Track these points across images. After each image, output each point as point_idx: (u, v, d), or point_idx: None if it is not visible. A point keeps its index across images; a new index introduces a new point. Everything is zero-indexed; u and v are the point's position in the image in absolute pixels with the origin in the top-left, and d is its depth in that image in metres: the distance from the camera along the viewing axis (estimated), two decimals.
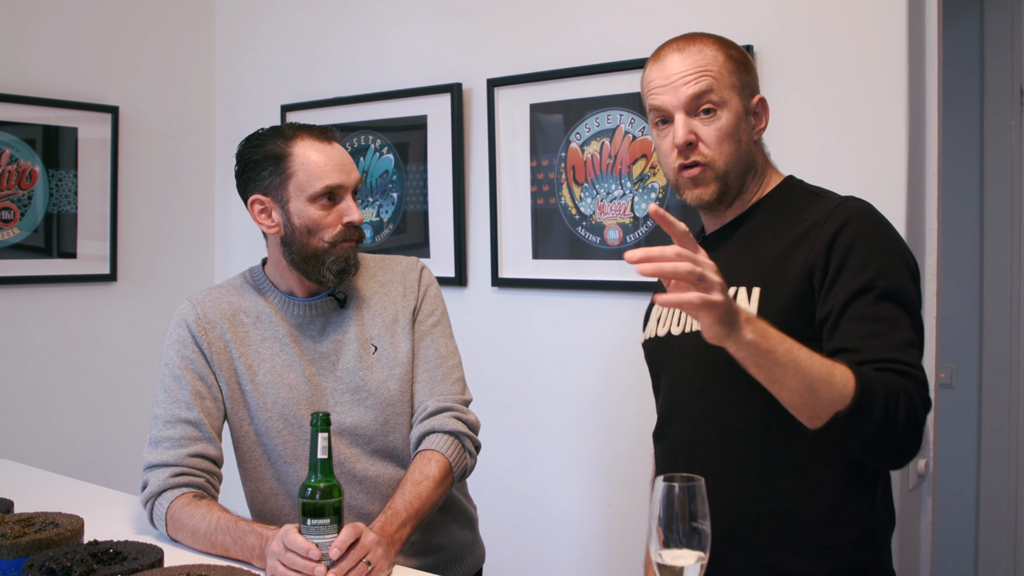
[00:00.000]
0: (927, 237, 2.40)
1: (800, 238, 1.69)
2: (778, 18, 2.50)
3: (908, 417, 1.50)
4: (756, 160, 1.82)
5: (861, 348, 1.56)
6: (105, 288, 3.57)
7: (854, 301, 1.60)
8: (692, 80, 1.74)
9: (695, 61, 1.75)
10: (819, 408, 1.48)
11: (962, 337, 3.45)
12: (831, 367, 1.47)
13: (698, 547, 1.28)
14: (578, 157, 2.87)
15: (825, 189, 1.83)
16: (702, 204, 1.79)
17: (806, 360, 1.45)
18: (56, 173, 3.40)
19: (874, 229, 1.66)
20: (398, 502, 1.89)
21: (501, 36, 3.07)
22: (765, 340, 1.43)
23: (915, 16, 2.35)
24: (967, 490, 3.47)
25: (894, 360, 1.54)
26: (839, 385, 1.46)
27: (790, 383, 1.46)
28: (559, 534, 2.99)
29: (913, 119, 2.34)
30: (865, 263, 1.62)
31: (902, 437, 1.52)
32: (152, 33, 3.69)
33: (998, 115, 3.39)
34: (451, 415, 2.04)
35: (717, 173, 1.75)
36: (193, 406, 1.98)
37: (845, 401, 1.47)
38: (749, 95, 1.79)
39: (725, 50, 1.78)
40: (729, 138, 1.75)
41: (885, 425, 1.49)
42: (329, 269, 1.99)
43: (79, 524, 1.72)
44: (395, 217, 3.32)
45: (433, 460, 1.98)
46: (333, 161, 1.97)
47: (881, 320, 1.58)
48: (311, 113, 3.50)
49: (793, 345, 1.46)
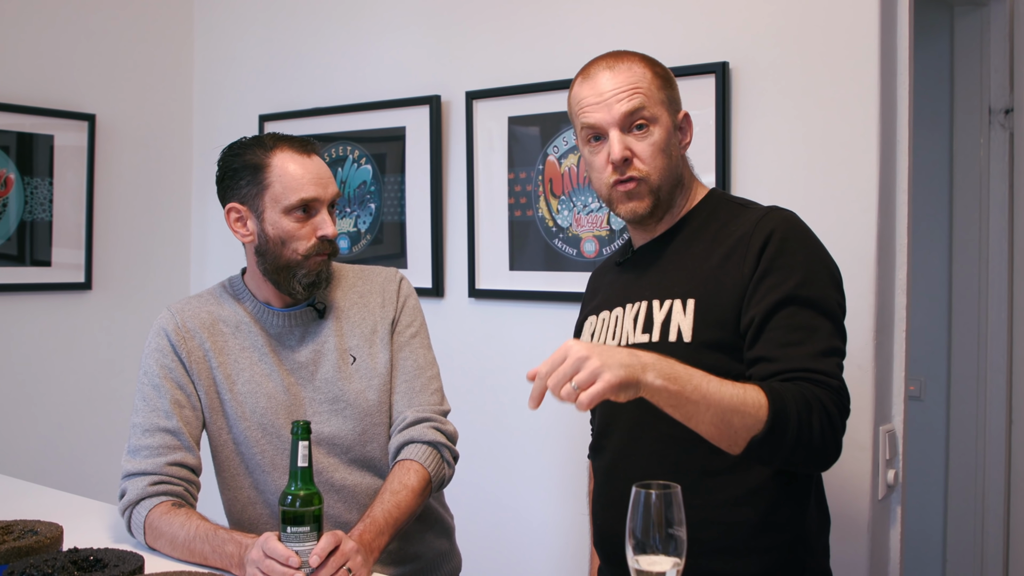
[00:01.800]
0: (897, 252, 2.44)
1: (730, 251, 1.74)
2: (752, 35, 2.54)
3: (824, 427, 1.57)
4: (683, 174, 1.87)
5: (779, 357, 1.62)
6: (80, 297, 3.56)
7: (776, 311, 1.65)
8: (625, 97, 1.78)
9: (626, 78, 1.79)
10: (735, 436, 1.54)
11: (931, 350, 3.49)
12: (742, 394, 1.52)
13: (674, 553, 1.31)
14: (555, 170, 2.89)
15: (750, 200, 1.88)
16: (635, 218, 1.83)
17: (716, 393, 1.51)
18: (31, 181, 3.39)
19: (797, 239, 1.72)
20: (376, 511, 1.90)
21: (480, 49, 3.09)
22: (673, 382, 1.47)
23: (887, 35, 2.39)
24: (935, 500, 3.51)
25: (809, 370, 1.60)
26: (752, 411, 1.52)
27: (704, 417, 1.52)
28: (535, 543, 3.00)
29: (884, 136, 2.38)
30: (788, 273, 1.67)
31: (819, 447, 1.58)
32: (130, 41, 3.68)
33: (967, 133, 3.45)
34: (430, 425, 2.06)
35: (651, 187, 1.80)
36: (172, 415, 1.98)
37: (759, 425, 1.53)
38: (675, 110, 1.85)
39: (651, 67, 1.83)
40: (662, 152, 1.80)
41: (801, 439, 1.55)
42: (299, 281, 2.00)
43: (58, 531, 1.73)
44: (372, 228, 3.33)
45: (412, 470, 1.99)
46: (310, 174, 1.98)
47: (800, 329, 1.64)
48: (289, 123, 3.51)
49: (702, 380, 1.51)
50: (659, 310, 1.77)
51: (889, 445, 2.41)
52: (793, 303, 1.65)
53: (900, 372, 2.44)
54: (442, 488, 2.09)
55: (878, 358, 2.37)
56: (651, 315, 1.78)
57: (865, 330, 2.34)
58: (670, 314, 1.75)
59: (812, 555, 1.76)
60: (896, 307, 2.44)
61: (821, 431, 1.56)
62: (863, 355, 2.34)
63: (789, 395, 1.55)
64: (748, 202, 1.87)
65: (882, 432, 2.39)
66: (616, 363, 1.42)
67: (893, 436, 2.43)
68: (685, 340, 1.71)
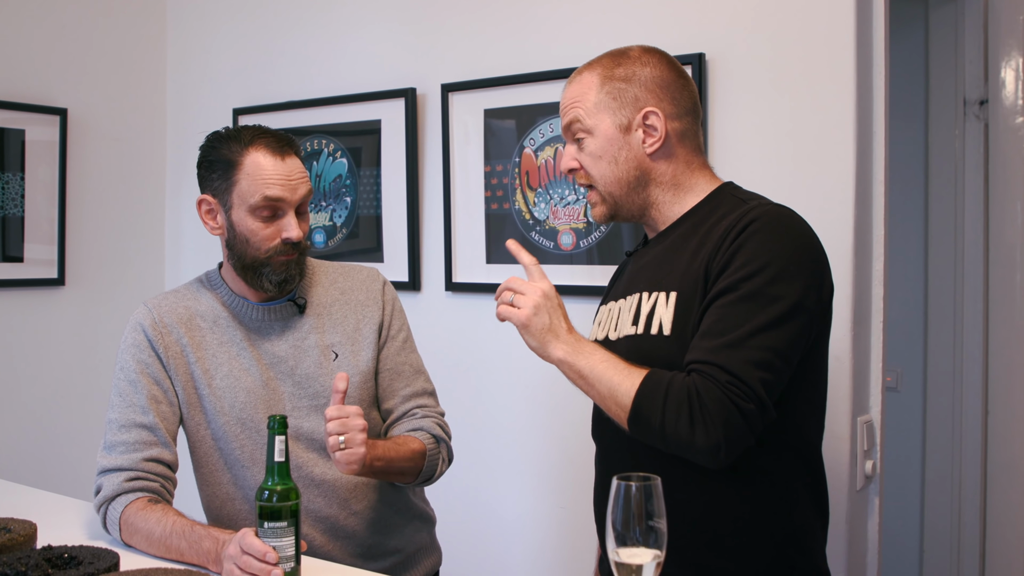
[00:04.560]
0: (874, 243, 2.44)
1: (714, 246, 1.71)
2: (727, 28, 2.54)
3: (684, 422, 1.57)
4: (654, 173, 1.81)
5: (693, 348, 1.64)
6: (53, 292, 3.52)
7: (715, 300, 1.65)
8: (568, 112, 1.85)
9: (573, 92, 1.85)
10: (616, 417, 1.67)
11: (907, 342, 3.51)
12: (620, 382, 1.64)
13: (654, 545, 1.30)
14: (532, 162, 2.88)
15: (756, 195, 1.82)
16: (600, 223, 1.93)
17: (603, 375, 1.65)
18: (2, 176, 3.35)
19: (769, 232, 1.66)
20: (379, 443, 1.95)
21: (455, 41, 3.08)
22: (573, 356, 1.68)
23: (863, 27, 2.39)
24: (912, 491, 3.53)
25: (703, 362, 1.60)
26: (622, 399, 1.63)
27: (592, 394, 1.69)
28: (513, 536, 3.00)
29: (861, 128, 2.39)
30: (742, 264, 1.63)
31: (687, 443, 1.58)
32: (102, 34, 3.64)
33: (942, 125, 3.46)
34: (437, 422, 2.13)
35: (602, 195, 1.84)
36: (148, 410, 1.96)
37: (625, 412, 1.63)
38: (631, 112, 1.79)
39: (606, 71, 1.82)
40: (600, 159, 1.82)
41: (666, 432, 1.59)
42: (268, 279, 2.00)
43: (32, 529, 1.71)
44: (348, 222, 3.31)
45: (416, 441, 2.04)
46: (279, 175, 1.96)
47: (723, 320, 1.62)
48: (264, 117, 3.48)
49: (599, 362, 1.66)
50: (647, 302, 1.77)
51: (867, 436, 2.41)
52: (731, 292, 1.62)
53: (878, 363, 2.44)
54: (429, 481, 2.10)
55: (855, 349, 2.37)
56: (639, 307, 1.78)
57: (843, 321, 2.34)
58: (655, 307, 1.74)
59: (803, 554, 1.74)
60: (873, 298, 2.44)
61: (683, 426, 1.57)
62: (840, 346, 2.34)
63: (661, 388, 1.60)
64: (752, 196, 1.81)
65: (860, 423, 2.39)
66: (537, 327, 1.71)
67: (871, 427, 2.44)
68: (665, 333, 1.70)
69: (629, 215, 1.86)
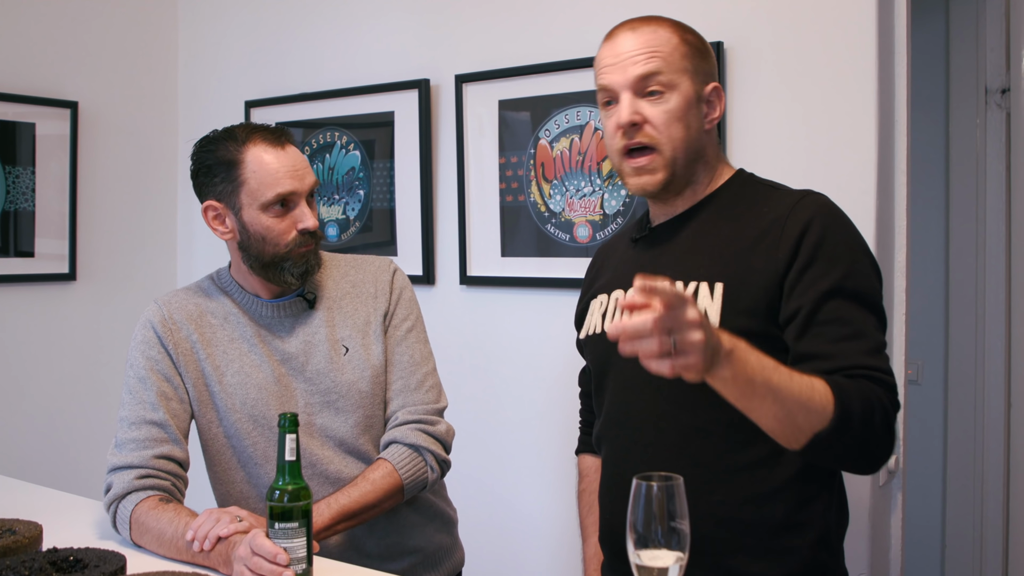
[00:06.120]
0: (896, 234, 2.40)
1: (762, 234, 1.65)
2: (748, 16, 2.49)
3: (883, 426, 1.50)
4: (706, 150, 1.76)
5: (834, 354, 1.54)
6: (64, 287, 3.50)
7: (824, 303, 1.57)
8: (642, 60, 1.68)
9: (647, 41, 1.70)
10: (798, 432, 1.47)
11: (928, 334, 3.46)
12: (810, 389, 1.45)
13: (677, 547, 1.26)
14: (547, 154, 2.84)
15: (778, 183, 1.79)
16: (646, 193, 1.74)
17: (785, 386, 1.43)
18: (13, 170, 3.32)
19: (838, 227, 1.64)
20: (323, 503, 1.91)
21: (469, 31, 3.04)
22: (744, 371, 1.38)
23: (884, 15, 2.35)
24: (934, 485, 3.49)
25: (867, 367, 1.53)
26: (818, 408, 1.45)
27: (768, 411, 1.44)
28: (532, 533, 2.97)
29: (882, 117, 2.34)
30: (832, 263, 1.59)
31: (876, 447, 1.52)
32: (113, 26, 3.61)
33: (963, 114, 3.41)
34: (416, 428, 2.03)
35: (665, 159, 1.69)
36: (159, 407, 1.94)
37: (824, 422, 1.45)
38: (703, 81, 1.73)
39: (680, 34, 1.73)
40: (678, 121, 1.69)
41: (863, 438, 1.49)
42: (290, 273, 1.97)
43: (37, 531, 1.68)
44: (362, 215, 3.28)
45: (382, 468, 1.98)
46: (285, 167, 1.93)
47: (851, 323, 1.56)
48: (276, 109, 3.45)
49: (772, 372, 1.42)
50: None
51: None
52: (840, 295, 1.57)
53: (900, 356, 2.40)
54: (421, 490, 2.05)
55: None
56: None
57: None
58: (695, 297, 1.65)
59: (833, 555, 1.69)
60: (895, 290, 2.40)
61: (882, 431, 1.50)
62: None
63: (855, 394, 1.48)
64: (777, 184, 1.78)
65: None
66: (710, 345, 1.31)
67: None
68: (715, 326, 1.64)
69: (674, 189, 1.74)
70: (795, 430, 1.47)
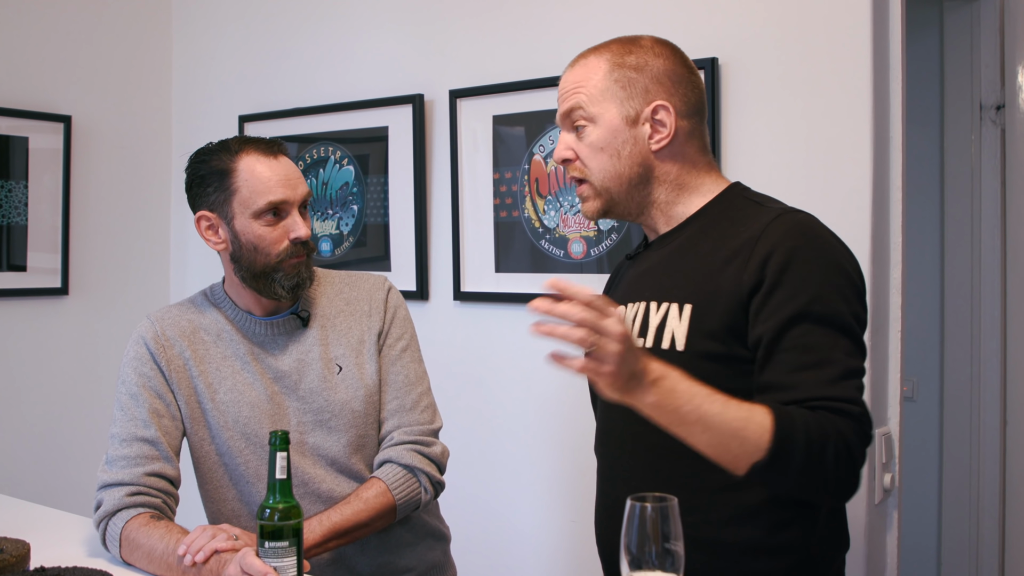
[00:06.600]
0: (891, 250, 2.39)
1: (733, 254, 1.61)
2: (742, 31, 2.49)
3: (838, 459, 1.45)
4: (660, 172, 1.72)
5: (792, 385, 1.50)
6: (56, 302, 3.48)
7: (788, 330, 1.52)
8: (569, 96, 1.74)
9: (575, 77, 1.74)
10: (735, 460, 1.46)
11: (924, 351, 3.45)
12: (745, 419, 1.43)
13: (671, 569, 1.25)
14: (541, 169, 2.84)
15: (770, 198, 1.74)
16: (591, 219, 1.79)
17: (717, 416, 1.42)
18: (6, 184, 3.31)
19: (809, 249, 1.57)
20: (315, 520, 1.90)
21: (464, 47, 3.03)
22: (671, 400, 1.40)
23: (879, 31, 2.34)
24: (929, 502, 3.48)
25: (827, 397, 1.48)
26: (753, 438, 1.43)
27: (699, 439, 1.44)
28: (526, 550, 2.95)
29: (877, 134, 2.34)
30: (799, 287, 1.53)
31: (832, 480, 1.48)
32: (106, 40, 3.61)
33: (958, 130, 3.41)
34: (411, 448, 2.02)
35: (596, 189, 1.73)
36: (150, 424, 1.93)
37: (760, 453, 1.43)
38: (642, 102, 1.69)
39: (615, 58, 1.71)
40: (600, 152, 1.70)
41: (809, 471, 1.45)
42: (281, 285, 1.96)
43: (25, 549, 1.66)
44: (355, 230, 3.27)
45: (374, 487, 1.96)
46: (278, 176, 1.93)
47: (814, 350, 1.51)
48: (269, 124, 3.45)
49: (703, 401, 1.41)
50: (655, 313, 1.67)
51: (885, 448, 2.36)
52: (806, 320, 1.52)
53: (896, 374, 2.39)
54: (414, 510, 2.04)
55: (873, 360, 2.32)
56: (647, 318, 1.68)
57: None
58: (665, 319, 1.64)
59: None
60: (891, 307, 2.39)
61: (835, 463, 1.45)
62: None
63: (800, 423, 1.44)
64: (767, 200, 1.73)
65: (878, 435, 2.34)
66: (630, 364, 1.36)
67: (889, 439, 2.38)
68: (678, 348, 1.61)
69: (625, 213, 1.75)
70: (731, 458, 1.46)
